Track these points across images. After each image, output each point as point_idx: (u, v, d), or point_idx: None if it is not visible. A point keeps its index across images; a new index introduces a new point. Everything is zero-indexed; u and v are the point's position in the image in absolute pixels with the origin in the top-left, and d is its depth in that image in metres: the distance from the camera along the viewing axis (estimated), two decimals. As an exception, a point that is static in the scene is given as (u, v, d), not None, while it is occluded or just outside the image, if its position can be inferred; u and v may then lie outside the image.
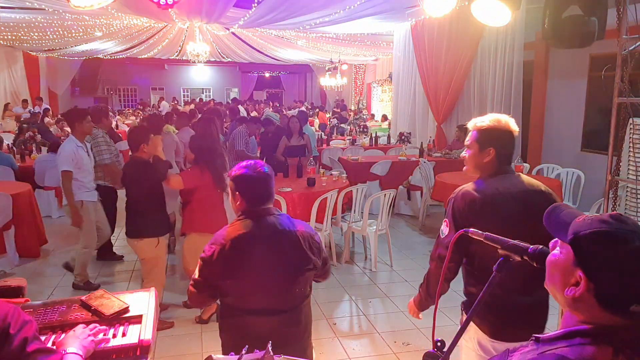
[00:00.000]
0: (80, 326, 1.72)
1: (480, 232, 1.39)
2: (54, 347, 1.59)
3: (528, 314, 1.97)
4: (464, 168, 2.19)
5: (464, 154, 2.16)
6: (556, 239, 1.07)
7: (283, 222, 2.06)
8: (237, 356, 1.40)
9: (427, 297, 2.18)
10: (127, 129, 11.36)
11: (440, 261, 2.06)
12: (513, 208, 1.95)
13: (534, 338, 1.06)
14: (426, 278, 2.18)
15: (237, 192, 2.07)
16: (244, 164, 2.10)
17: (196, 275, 2.03)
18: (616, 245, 0.94)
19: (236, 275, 1.98)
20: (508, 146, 2.05)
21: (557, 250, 1.05)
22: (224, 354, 2.09)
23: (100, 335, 1.80)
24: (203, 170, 3.88)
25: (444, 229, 2.06)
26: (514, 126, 2.05)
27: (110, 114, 7.75)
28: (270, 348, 1.42)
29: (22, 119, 11.99)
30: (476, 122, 2.09)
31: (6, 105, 13.21)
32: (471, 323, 2.05)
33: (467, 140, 2.12)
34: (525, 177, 2.10)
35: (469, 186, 2.05)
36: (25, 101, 13.34)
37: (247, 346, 1.42)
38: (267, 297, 2.00)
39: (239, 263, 1.97)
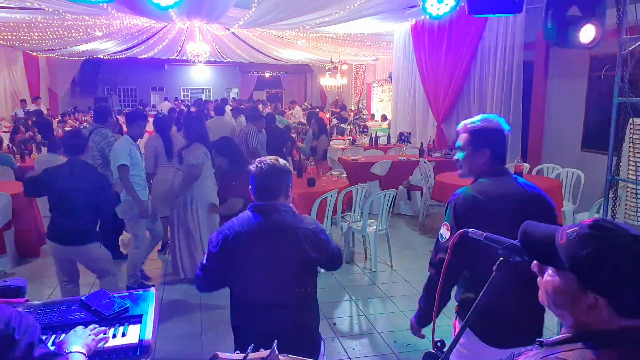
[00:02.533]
0: (80, 327, 1.72)
1: (480, 232, 1.39)
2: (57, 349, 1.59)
3: (520, 319, 1.94)
4: (458, 172, 2.16)
5: (457, 157, 2.12)
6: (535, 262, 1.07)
7: (286, 219, 2.10)
8: (243, 354, 1.40)
9: (427, 308, 2.06)
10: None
11: (441, 266, 2.02)
12: (514, 209, 1.92)
13: (537, 342, 1.06)
14: (425, 288, 2.10)
15: (249, 187, 2.18)
16: (259, 160, 2.17)
17: (204, 260, 2.12)
18: (617, 257, 0.94)
19: (239, 267, 2.04)
20: (501, 146, 2.04)
21: (551, 276, 1.04)
22: (237, 349, 2.13)
23: (101, 335, 1.80)
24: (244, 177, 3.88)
25: (444, 232, 1.99)
26: (505, 125, 2.03)
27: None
28: (275, 347, 1.42)
29: (17, 117, 11.90)
30: (466, 124, 2.06)
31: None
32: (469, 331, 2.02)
33: (459, 142, 2.08)
34: (521, 179, 2.09)
35: (470, 188, 2.02)
36: (23, 101, 13.29)
37: (252, 344, 1.43)
38: (269, 290, 2.04)
39: (241, 255, 2.03)
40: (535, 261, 1.09)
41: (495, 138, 2.02)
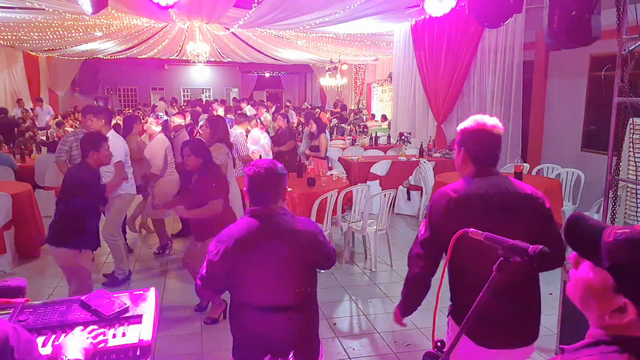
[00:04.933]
0: (78, 329, 1.71)
1: (480, 232, 1.39)
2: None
3: (510, 320, 1.95)
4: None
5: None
6: (573, 253, 1.06)
7: (286, 222, 2.09)
8: None
9: (406, 298, 2.14)
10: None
11: (417, 259, 2.05)
12: (495, 208, 1.94)
13: (560, 349, 1.06)
14: (405, 280, 2.15)
15: (245, 190, 2.16)
16: (252, 164, 2.14)
17: (203, 271, 2.09)
18: None
19: (240, 273, 2.02)
20: (482, 146, 2.03)
21: (586, 271, 1.03)
22: (234, 352, 2.17)
23: (100, 337, 1.79)
24: (221, 178, 3.86)
25: (421, 228, 2.07)
26: (491, 125, 2.02)
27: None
28: (291, 358, 1.43)
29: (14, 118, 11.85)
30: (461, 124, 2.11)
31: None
32: (456, 326, 2.05)
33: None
34: (514, 180, 2.08)
35: (447, 187, 2.06)
36: (19, 100, 13.22)
37: (269, 355, 1.44)
38: (271, 294, 2.04)
39: (242, 262, 2.01)
40: (574, 252, 1.07)
41: (475, 138, 2.02)
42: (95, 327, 1.75)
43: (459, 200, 1.97)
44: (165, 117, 5.79)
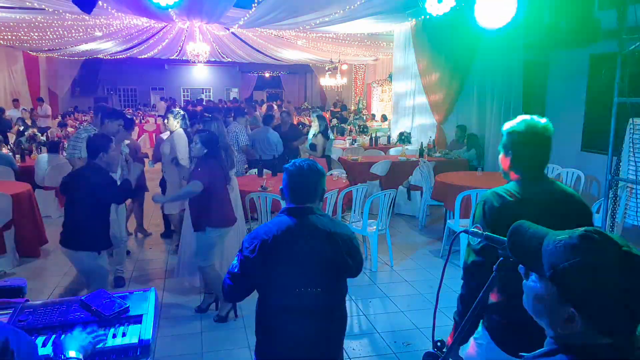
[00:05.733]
0: (78, 328, 1.71)
1: (480, 231, 1.39)
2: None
3: (536, 330, 1.93)
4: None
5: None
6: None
7: (325, 223, 2.03)
8: None
9: (466, 321, 2.06)
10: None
11: (479, 268, 1.89)
12: (538, 214, 1.87)
13: (520, 356, 1.05)
14: (459, 300, 1.99)
15: (281, 187, 2.10)
16: (293, 161, 2.10)
17: (236, 269, 2.00)
18: (598, 273, 0.90)
19: (274, 271, 1.95)
20: (527, 150, 1.94)
21: (534, 281, 1.01)
22: (258, 355, 2.08)
23: (100, 332, 1.79)
24: (212, 165, 3.94)
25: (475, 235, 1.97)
26: (542, 128, 1.93)
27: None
28: None
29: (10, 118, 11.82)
30: (506, 124, 2.02)
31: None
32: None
33: None
34: (559, 183, 2.04)
35: (498, 189, 1.97)
36: (15, 101, 13.16)
37: None
38: (305, 296, 1.97)
39: (278, 259, 1.94)
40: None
41: (524, 142, 1.94)
42: (95, 327, 1.74)
43: (515, 203, 1.88)
44: (182, 112, 5.84)
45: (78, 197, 3.48)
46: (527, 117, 1.97)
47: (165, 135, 6.02)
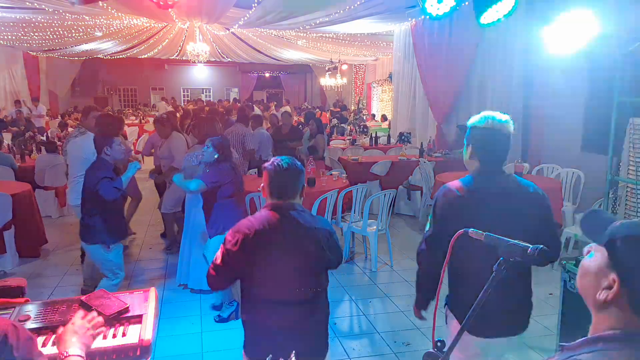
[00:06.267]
0: (79, 316, 1.67)
1: (481, 232, 1.39)
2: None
3: (503, 308, 1.95)
4: None
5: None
6: (590, 245, 1.06)
7: (306, 219, 2.11)
8: None
9: (418, 292, 2.28)
10: (127, 129, 11.36)
11: (423, 255, 2.17)
12: (488, 207, 1.98)
13: (560, 346, 1.05)
14: (416, 275, 2.28)
15: (263, 185, 2.16)
16: (273, 159, 2.16)
17: (218, 260, 2.07)
18: None
19: (256, 264, 2.02)
20: (489, 145, 2.04)
21: (591, 255, 1.04)
22: (247, 348, 2.15)
23: (99, 323, 1.74)
24: (223, 169, 3.88)
25: (427, 226, 2.17)
26: (500, 125, 2.01)
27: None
28: (293, 357, 1.43)
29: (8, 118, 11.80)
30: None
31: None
32: (454, 318, 2.11)
33: None
34: (519, 178, 2.13)
35: (452, 183, 2.10)
36: (17, 102, 13.15)
37: (270, 355, 1.43)
38: (287, 288, 2.05)
39: (259, 254, 2.01)
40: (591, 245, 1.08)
41: (483, 137, 2.04)
42: (94, 315, 1.70)
43: (462, 197, 2.00)
44: None
45: (85, 192, 3.63)
46: (489, 113, 2.06)
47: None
